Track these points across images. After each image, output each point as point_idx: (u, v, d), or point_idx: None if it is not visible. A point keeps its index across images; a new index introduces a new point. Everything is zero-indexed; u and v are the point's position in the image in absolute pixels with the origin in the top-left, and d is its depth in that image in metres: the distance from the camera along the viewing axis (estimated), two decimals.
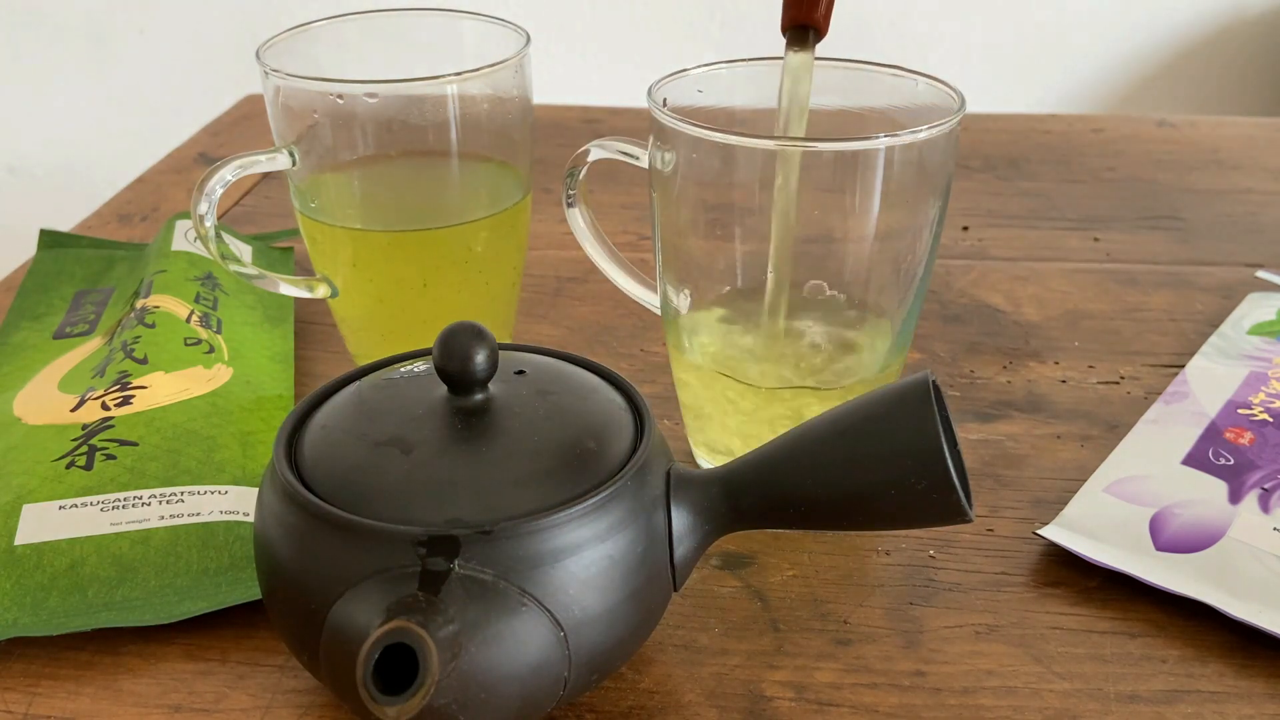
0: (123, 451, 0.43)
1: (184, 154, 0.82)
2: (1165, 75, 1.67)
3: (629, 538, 0.32)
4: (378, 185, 0.52)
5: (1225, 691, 0.36)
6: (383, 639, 0.26)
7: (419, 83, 0.48)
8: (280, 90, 0.48)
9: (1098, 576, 0.41)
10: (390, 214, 0.52)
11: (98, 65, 1.71)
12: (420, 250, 0.50)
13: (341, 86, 0.48)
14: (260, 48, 0.49)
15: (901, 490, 0.33)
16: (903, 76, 0.44)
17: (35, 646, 0.38)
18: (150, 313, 0.51)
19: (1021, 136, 0.84)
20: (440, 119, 0.49)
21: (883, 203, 0.40)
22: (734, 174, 0.42)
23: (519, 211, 0.51)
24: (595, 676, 0.33)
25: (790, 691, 0.36)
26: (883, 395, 0.34)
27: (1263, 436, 0.45)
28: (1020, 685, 0.37)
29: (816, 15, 0.43)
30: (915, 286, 0.43)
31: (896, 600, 0.40)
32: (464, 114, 0.49)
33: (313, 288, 0.52)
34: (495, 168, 0.52)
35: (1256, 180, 0.76)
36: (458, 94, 0.48)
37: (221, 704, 0.36)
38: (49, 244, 0.62)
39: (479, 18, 0.53)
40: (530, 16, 1.71)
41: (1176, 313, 0.59)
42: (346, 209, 0.51)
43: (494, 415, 0.34)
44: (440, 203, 0.52)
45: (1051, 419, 0.50)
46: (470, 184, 0.52)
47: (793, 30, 0.43)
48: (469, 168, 0.51)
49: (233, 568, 0.40)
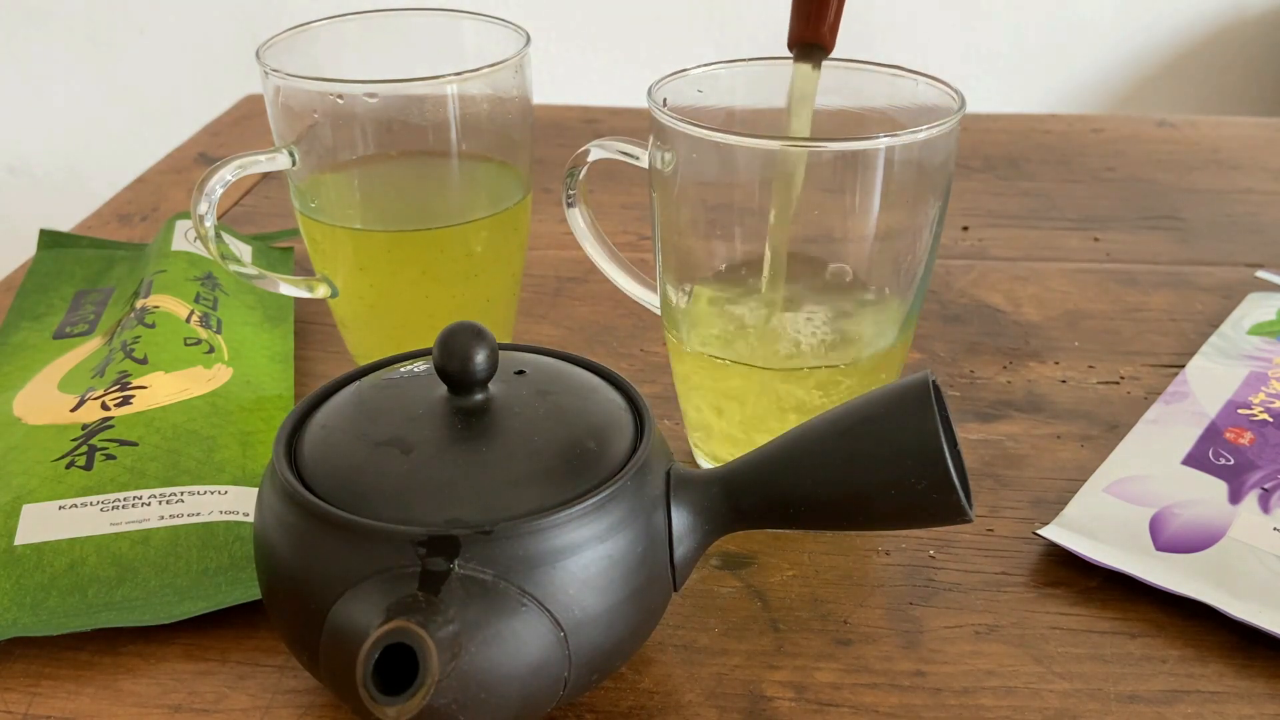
0: (123, 451, 0.43)
1: (184, 154, 0.82)
2: (1165, 75, 1.67)
3: (629, 538, 0.32)
4: (378, 185, 0.52)
5: (1225, 691, 0.36)
6: (383, 639, 0.26)
7: (419, 83, 0.48)
8: (280, 90, 0.48)
9: (1098, 576, 0.41)
10: (390, 214, 0.52)
11: (98, 65, 1.71)
12: (420, 250, 0.50)
13: (341, 86, 0.48)
14: (260, 48, 0.49)
15: (902, 490, 0.33)
16: (903, 76, 0.44)
17: (35, 646, 0.38)
18: (150, 313, 0.51)
19: (1021, 136, 0.84)
20: (440, 119, 0.49)
21: (883, 203, 0.40)
22: (734, 174, 0.42)
23: (519, 211, 0.51)
24: (595, 676, 0.33)
25: (790, 691, 0.36)
26: (883, 395, 0.34)
27: (1263, 436, 0.45)
28: (1020, 685, 0.37)
29: (823, 32, 0.43)
30: (915, 286, 0.43)
31: (896, 600, 0.40)
32: (464, 114, 0.49)
33: (313, 288, 0.52)
34: (495, 168, 0.52)
35: (1256, 180, 0.76)
36: (458, 94, 0.48)
37: (221, 704, 0.36)
38: (49, 244, 0.62)
39: (479, 18, 0.53)
40: (530, 16, 1.71)
41: (1176, 313, 0.59)
42: (346, 209, 0.51)
43: (494, 415, 0.34)
44: (440, 203, 0.52)
45: (1051, 419, 0.50)
46: (470, 184, 0.52)
47: (800, 47, 0.43)
48: (469, 168, 0.51)
49: (233, 568, 0.40)
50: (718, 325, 0.45)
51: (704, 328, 0.45)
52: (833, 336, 0.43)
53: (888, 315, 0.43)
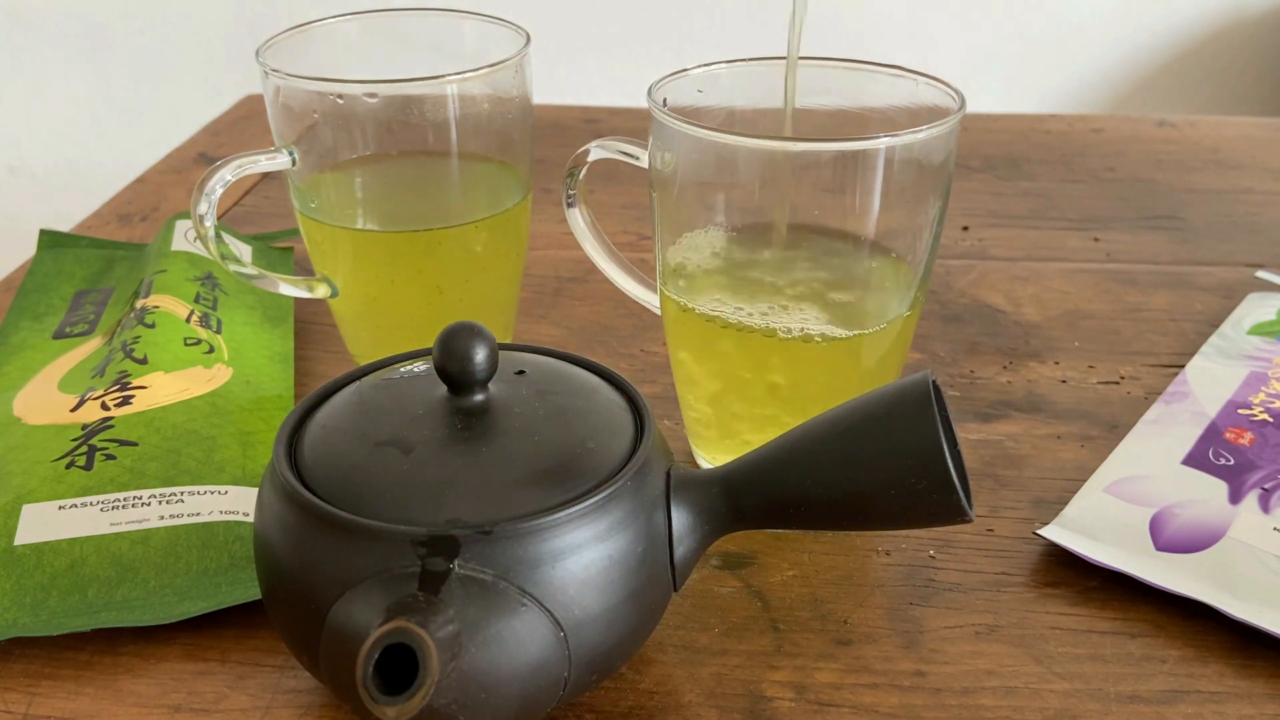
0: (123, 451, 0.43)
1: (184, 154, 0.82)
2: (1165, 75, 1.68)
3: (629, 538, 0.32)
4: (378, 185, 0.52)
5: (1225, 691, 0.36)
6: (383, 639, 0.26)
7: (419, 83, 0.48)
8: (280, 90, 0.48)
9: (1098, 576, 0.41)
10: (390, 214, 0.52)
11: (98, 65, 1.71)
12: (420, 251, 0.50)
13: (341, 86, 0.48)
14: (260, 47, 0.49)
15: (902, 490, 0.33)
16: (903, 76, 0.44)
17: (35, 646, 0.38)
18: (150, 313, 0.51)
19: (1021, 136, 0.84)
20: (440, 119, 0.49)
21: (883, 203, 0.40)
22: (734, 174, 0.42)
23: (519, 212, 0.51)
24: (595, 677, 0.33)
25: (790, 691, 0.36)
26: (883, 395, 0.34)
27: (1263, 436, 0.45)
28: (1020, 685, 0.37)
29: None
30: (915, 286, 0.43)
31: (896, 600, 0.40)
32: (464, 114, 0.49)
33: (313, 288, 0.52)
34: (495, 168, 0.52)
35: (1256, 180, 0.76)
36: (458, 94, 0.48)
37: (221, 704, 0.36)
38: (49, 244, 0.62)
39: (479, 18, 0.53)
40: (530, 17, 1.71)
41: (1176, 313, 0.59)
42: (346, 209, 0.51)
43: (494, 415, 0.34)
44: (440, 203, 0.52)
45: (1051, 419, 0.50)
46: (470, 184, 0.52)
47: None
48: (469, 168, 0.51)
49: (233, 568, 0.40)
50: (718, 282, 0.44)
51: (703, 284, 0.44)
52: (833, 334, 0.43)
53: (887, 314, 0.43)
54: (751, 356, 0.42)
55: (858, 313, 0.43)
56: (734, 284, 0.43)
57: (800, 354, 0.42)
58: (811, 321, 0.42)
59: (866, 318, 0.42)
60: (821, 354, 0.42)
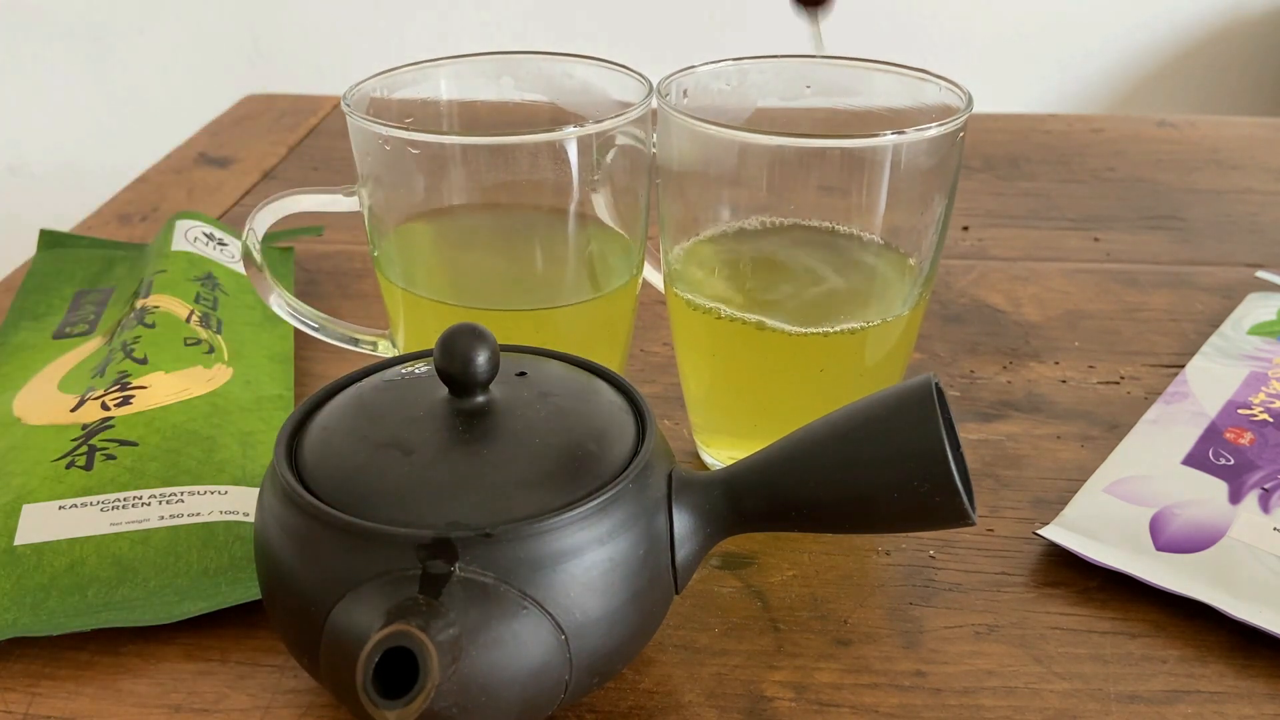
0: (123, 451, 0.43)
1: (184, 154, 0.82)
2: (1165, 75, 1.68)
3: (630, 540, 0.32)
4: (467, 254, 0.46)
5: (1225, 691, 0.36)
6: (383, 642, 0.26)
7: (523, 135, 0.42)
8: (361, 131, 0.43)
9: (1098, 576, 0.41)
10: (476, 290, 0.46)
11: (98, 65, 1.71)
12: (528, 330, 0.44)
13: (433, 137, 0.42)
14: (348, 93, 0.44)
15: (904, 493, 0.32)
16: (909, 75, 0.44)
17: (35, 646, 0.38)
18: (150, 313, 0.51)
19: (1021, 136, 0.84)
20: (559, 177, 0.43)
21: (889, 200, 0.40)
22: (736, 172, 0.42)
23: (625, 294, 0.45)
24: (596, 679, 0.33)
25: (790, 692, 0.36)
26: (885, 398, 0.34)
27: (1263, 437, 0.45)
28: (1020, 685, 0.37)
29: None
30: (920, 285, 0.43)
31: (896, 600, 0.40)
32: (581, 171, 0.43)
33: (376, 345, 0.48)
34: (605, 235, 0.45)
35: (1256, 180, 0.76)
36: (577, 147, 0.42)
37: (221, 704, 0.36)
38: (49, 244, 0.62)
39: (600, 64, 0.47)
40: (531, 16, 1.71)
41: (1176, 313, 0.59)
42: (430, 279, 0.46)
43: (495, 417, 0.34)
44: (532, 281, 0.46)
45: (1051, 419, 0.50)
46: (573, 260, 0.46)
47: None
48: (576, 237, 0.45)
49: (233, 568, 0.40)
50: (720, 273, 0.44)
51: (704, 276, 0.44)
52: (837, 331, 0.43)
53: (892, 311, 0.43)
54: (756, 353, 0.42)
55: (863, 310, 0.43)
56: (739, 280, 0.43)
57: (806, 350, 0.42)
58: (816, 318, 0.42)
59: (871, 315, 0.42)
60: (827, 350, 0.42)
